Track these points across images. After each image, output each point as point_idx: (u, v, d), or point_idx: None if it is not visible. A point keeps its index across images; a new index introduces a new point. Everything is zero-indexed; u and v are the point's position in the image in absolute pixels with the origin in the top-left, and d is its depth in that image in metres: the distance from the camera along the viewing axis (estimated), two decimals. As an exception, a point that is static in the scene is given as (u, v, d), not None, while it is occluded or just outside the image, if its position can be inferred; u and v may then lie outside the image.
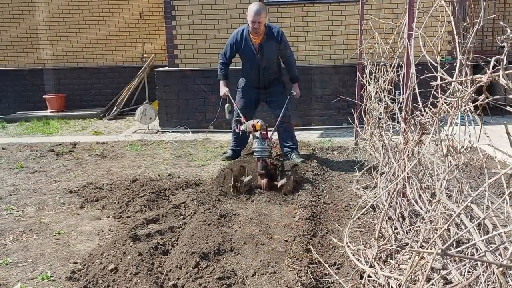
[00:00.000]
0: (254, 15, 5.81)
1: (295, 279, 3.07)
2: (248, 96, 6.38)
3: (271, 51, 6.11)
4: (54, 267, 3.56)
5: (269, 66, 6.22)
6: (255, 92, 6.39)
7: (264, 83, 6.33)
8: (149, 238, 3.90)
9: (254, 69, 6.23)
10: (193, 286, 3.11)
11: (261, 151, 5.15)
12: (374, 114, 5.42)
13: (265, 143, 5.22)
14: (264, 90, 6.38)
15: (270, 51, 6.10)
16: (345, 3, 9.06)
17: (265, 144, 5.20)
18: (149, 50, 12.08)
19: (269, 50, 6.08)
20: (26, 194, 5.40)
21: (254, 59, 6.14)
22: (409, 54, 3.71)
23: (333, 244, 3.82)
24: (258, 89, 6.38)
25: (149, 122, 9.41)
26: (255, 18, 5.82)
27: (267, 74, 6.25)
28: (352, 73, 8.24)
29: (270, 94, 6.38)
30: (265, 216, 4.41)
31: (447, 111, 2.92)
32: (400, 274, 2.92)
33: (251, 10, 5.85)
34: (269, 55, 6.13)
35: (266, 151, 5.21)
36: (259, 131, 5.30)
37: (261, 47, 6.06)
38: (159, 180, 5.76)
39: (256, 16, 5.80)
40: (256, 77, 6.29)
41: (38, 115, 11.51)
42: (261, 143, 5.20)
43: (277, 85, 6.40)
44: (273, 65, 6.28)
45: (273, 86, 6.37)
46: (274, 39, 6.05)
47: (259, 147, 5.17)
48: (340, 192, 5.21)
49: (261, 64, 6.15)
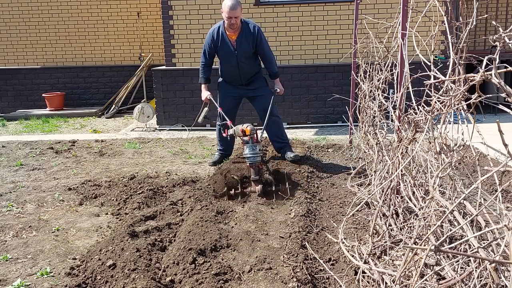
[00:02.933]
0: (230, 10, 5.60)
1: (290, 275, 3.10)
2: (231, 96, 6.21)
3: (249, 47, 5.90)
4: (53, 263, 3.60)
5: (248, 62, 6.01)
6: (237, 91, 6.20)
7: (245, 80, 6.13)
8: (146, 235, 3.94)
9: (233, 66, 6.01)
10: (190, 281, 3.14)
11: (253, 157, 4.98)
12: (369, 112, 5.45)
13: (257, 148, 5.04)
14: (246, 87, 6.18)
15: (247, 47, 5.89)
16: (340, 3, 9.10)
17: (256, 150, 5.03)
18: (147, 49, 12.12)
19: (246, 45, 5.88)
20: (26, 191, 5.43)
21: (232, 55, 5.92)
22: (403, 53, 3.73)
23: (328, 241, 3.86)
24: (239, 86, 6.18)
25: (146, 120, 9.44)
26: (230, 13, 5.61)
27: (247, 70, 6.06)
28: (346, 72, 8.31)
29: (254, 90, 6.19)
30: (261, 213, 4.46)
31: (440, 109, 2.94)
32: (394, 270, 2.95)
33: (226, 5, 5.61)
34: (247, 51, 5.92)
35: (258, 156, 5.03)
36: (249, 136, 5.12)
37: (238, 43, 5.87)
38: (157, 178, 5.79)
39: (232, 11, 5.60)
40: (236, 75, 6.08)
41: (38, 113, 11.55)
42: (252, 148, 5.02)
43: (259, 80, 6.22)
44: (251, 61, 6.06)
45: (254, 82, 6.19)
46: (251, 34, 5.85)
47: (250, 153, 5.00)
48: (335, 189, 5.24)
49: (240, 60, 5.94)
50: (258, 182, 4.95)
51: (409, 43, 3.77)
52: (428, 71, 3.02)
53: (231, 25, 5.73)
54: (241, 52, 5.91)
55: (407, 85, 3.48)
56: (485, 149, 2.56)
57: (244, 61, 5.97)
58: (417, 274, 2.39)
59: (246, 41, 5.86)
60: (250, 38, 5.86)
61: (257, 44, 5.93)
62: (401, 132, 3.69)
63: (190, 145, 7.83)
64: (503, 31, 2.23)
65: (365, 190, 4.52)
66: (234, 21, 5.68)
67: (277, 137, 6.21)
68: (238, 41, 5.86)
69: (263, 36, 6.02)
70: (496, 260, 2.12)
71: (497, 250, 2.47)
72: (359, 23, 6.67)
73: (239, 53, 5.90)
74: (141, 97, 11.06)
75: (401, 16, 3.90)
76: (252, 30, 5.86)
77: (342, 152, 6.90)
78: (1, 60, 12.45)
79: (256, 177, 4.95)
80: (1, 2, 12.20)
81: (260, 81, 6.23)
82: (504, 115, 8.19)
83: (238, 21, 5.74)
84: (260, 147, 5.14)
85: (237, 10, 5.64)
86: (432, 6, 3.40)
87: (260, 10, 9.14)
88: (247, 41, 5.86)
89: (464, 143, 3.03)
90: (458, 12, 8.90)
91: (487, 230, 2.40)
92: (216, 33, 5.90)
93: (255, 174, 4.96)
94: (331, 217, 4.43)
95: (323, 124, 9.28)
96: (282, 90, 6.15)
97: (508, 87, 2.08)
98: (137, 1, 12.18)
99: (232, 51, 5.91)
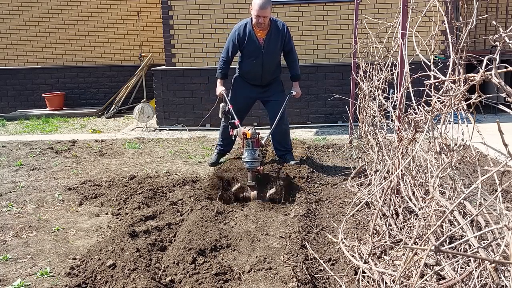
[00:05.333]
0: (259, 9, 5.48)
1: (290, 275, 3.10)
2: (246, 95, 6.06)
3: (277, 46, 5.82)
4: (53, 263, 3.60)
5: (272, 62, 5.91)
6: (253, 90, 6.07)
7: (265, 81, 6.02)
8: (146, 235, 3.94)
9: (257, 65, 5.87)
10: (190, 281, 3.14)
11: (251, 161, 4.89)
12: (369, 112, 5.45)
13: (256, 153, 4.94)
14: (263, 88, 6.07)
15: (275, 46, 5.81)
16: (340, 3, 9.11)
17: (255, 155, 4.92)
18: (146, 49, 12.13)
19: (274, 44, 5.79)
20: (26, 191, 5.43)
21: (259, 54, 5.79)
22: (403, 53, 3.73)
23: (328, 241, 3.86)
24: (256, 87, 6.06)
25: (146, 120, 9.45)
26: (260, 12, 5.50)
27: (269, 71, 5.95)
28: (347, 72, 8.31)
29: (269, 93, 6.08)
30: (261, 212, 4.45)
31: (440, 109, 2.94)
32: (394, 270, 2.95)
33: (256, 4, 5.50)
34: (275, 50, 5.84)
35: (257, 161, 4.93)
36: (250, 140, 5.02)
37: (266, 42, 5.75)
38: (157, 177, 5.79)
39: (262, 10, 5.49)
40: (258, 74, 5.95)
41: (38, 113, 11.56)
42: (251, 153, 4.92)
43: (276, 83, 6.14)
44: (275, 62, 5.96)
45: (272, 84, 6.10)
46: (280, 33, 5.76)
47: (249, 158, 4.90)
48: (335, 189, 5.24)
49: (265, 60, 5.82)
50: (254, 188, 4.87)
51: (409, 43, 3.77)
52: (428, 71, 3.02)
53: (258, 24, 5.63)
54: (269, 51, 5.81)
55: (407, 85, 3.48)
56: (485, 149, 2.56)
57: (270, 60, 5.87)
58: (417, 274, 2.39)
59: (274, 39, 5.77)
60: (279, 37, 5.78)
61: (285, 42, 5.84)
62: (401, 132, 3.69)
63: (190, 145, 7.83)
64: (503, 31, 2.23)
65: (365, 190, 4.52)
66: (262, 20, 5.58)
67: (281, 146, 6.12)
68: (266, 39, 5.76)
69: (290, 35, 5.95)
70: (496, 260, 2.12)
71: (497, 250, 2.47)
72: (359, 23, 6.68)
73: (266, 52, 5.80)
74: (141, 97, 11.06)
75: (401, 16, 3.90)
76: (281, 28, 5.78)
77: (342, 152, 6.90)
78: (1, 60, 12.46)
79: (252, 183, 4.86)
80: (1, 2, 12.20)
81: (277, 85, 6.14)
82: (504, 115, 8.16)
83: (267, 20, 5.64)
84: (259, 152, 5.06)
85: (267, 9, 5.53)
86: (432, 6, 3.40)
87: (260, 10, 9.12)
88: (276, 39, 5.78)
89: (464, 143, 3.03)
90: (458, 12, 8.90)
91: (487, 230, 2.40)
92: (242, 30, 5.77)
93: (252, 179, 4.87)
94: (331, 217, 4.43)
95: (323, 124, 9.29)
96: (299, 94, 6.05)
97: (508, 87, 2.08)
98: (137, 1, 12.20)
99: (259, 50, 5.79)
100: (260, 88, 6.09)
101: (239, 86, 6.11)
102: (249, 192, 4.88)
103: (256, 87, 6.09)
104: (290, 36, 5.90)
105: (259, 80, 6.03)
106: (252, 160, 4.90)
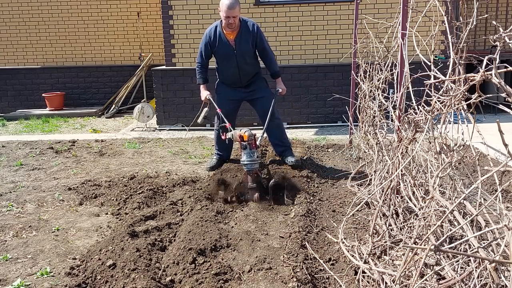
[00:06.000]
0: (228, 9, 5.35)
1: (290, 275, 3.10)
2: (230, 98, 5.98)
3: (248, 46, 5.69)
4: (53, 263, 3.60)
5: (248, 62, 5.79)
6: (237, 92, 5.98)
7: (245, 81, 5.92)
8: (146, 235, 3.94)
9: (232, 67, 5.78)
10: (190, 281, 3.14)
11: (250, 163, 4.82)
12: (369, 112, 5.45)
13: (254, 155, 4.87)
14: (246, 88, 5.98)
15: (247, 46, 5.68)
16: (340, 3, 9.11)
17: (254, 156, 4.86)
18: (146, 49, 12.12)
19: (246, 45, 5.67)
20: (26, 191, 5.43)
21: (232, 56, 5.70)
22: (403, 53, 3.73)
23: (328, 240, 3.86)
24: (239, 88, 5.97)
25: (146, 120, 9.45)
26: (228, 13, 5.36)
27: (247, 70, 5.85)
28: (346, 72, 8.31)
29: (254, 92, 5.97)
30: (261, 212, 4.46)
31: (441, 109, 2.94)
32: (394, 270, 2.95)
33: (224, 4, 5.36)
34: (247, 50, 5.71)
35: (256, 163, 4.86)
36: (246, 142, 4.94)
37: (237, 43, 5.64)
38: (157, 177, 5.79)
39: (230, 10, 5.36)
40: (236, 76, 5.87)
41: (38, 113, 11.56)
42: (249, 155, 4.85)
43: (258, 80, 6.01)
44: (252, 60, 5.84)
45: (254, 83, 5.98)
46: (250, 33, 5.64)
47: (248, 160, 4.83)
48: (335, 189, 5.24)
49: (239, 60, 5.72)
50: (255, 190, 4.78)
51: (409, 43, 3.77)
52: (428, 71, 3.02)
53: (229, 25, 5.52)
54: (241, 52, 5.70)
55: (407, 85, 3.48)
56: (485, 149, 2.56)
57: (244, 61, 5.77)
58: (417, 274, 2.39)
59: (245, 40, 5.67)
60: (250, 37, 5.67)
61: (257, 42, 5.73)
62: (401, 132, 3.69)
63: (190, 145, 7.83)
64: (503, 31, 2.23)
65: (365, 190, 4.53)
66: (233, 21, 5.46)
67: (279, 141, 6.05)
68: (237, 40, 5.65)
69: (263, 34, 5.85)
70: (496, 260, 2.13)
71: (497, 250, 2.47)
72: (359, 23, 6.67)
73: (238, 53, 5.70)
74: (141, 97, 11.06)
75: (401, 16, 3.90)
76: (251, 28, 5.66)
77: (342, 152, 6.90)
78: (1, 60, 12.46)
79: (253, 185, 4.79)
80: (1, 2, 12.20)
81: (260, 82, 6.03)
82: (504, 115, 8.18)
83: (237, 20, 5.53)
84: (258, 153, 5.00)
85: (236, 9, 5.41)
86: (432, 6, 3.40)
87: (260, 10, 9.14)
88: (247, 40, 5.68)
89: (464, 143, 3.03)
90: (458, 12, 8.90)
91: (487, 230, 2.40)
92: (213, 33, 5.68)
93: (252, 181, 4.81)
94: (331, 217, 4.43)
95: (323, 124, 9.29)
96: (284, 90, 5.94)
97: (508, 87, 2.08)
98: (137, 1, 12.19)
99: (231, 51, 5.70)
100: (243, 88, 6.01)
101: (223, 91, 6.06)
102: (250, 194, 4.80)
103: (239, 88, 6.00)
104: (262, 35, 5.79)
105: (239, 82, 5.96)
106: (251, 162, 4.84)
